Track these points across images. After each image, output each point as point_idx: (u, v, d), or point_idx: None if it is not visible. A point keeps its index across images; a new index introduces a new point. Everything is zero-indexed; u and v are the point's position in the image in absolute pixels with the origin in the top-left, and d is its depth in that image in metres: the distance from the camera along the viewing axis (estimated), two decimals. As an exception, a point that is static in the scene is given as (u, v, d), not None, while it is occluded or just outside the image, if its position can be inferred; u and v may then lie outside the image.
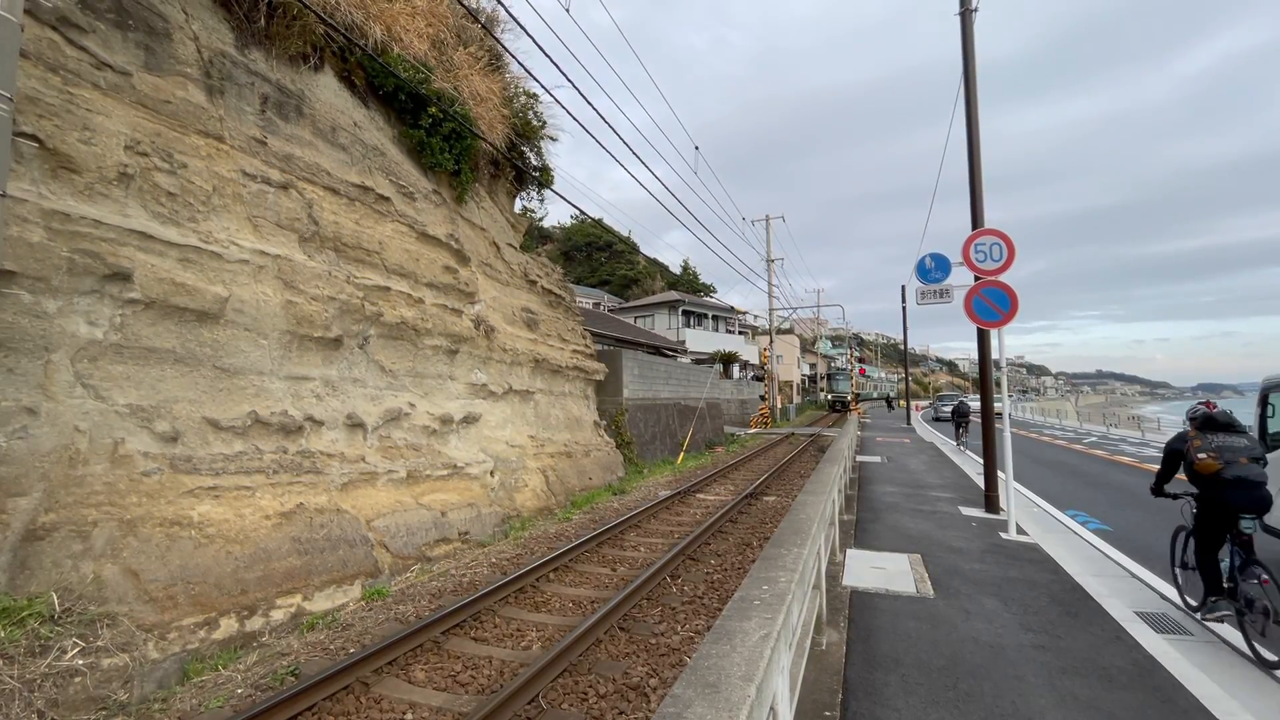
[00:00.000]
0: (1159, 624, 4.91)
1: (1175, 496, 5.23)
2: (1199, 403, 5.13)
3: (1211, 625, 4.84)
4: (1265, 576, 4.18)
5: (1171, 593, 5.60)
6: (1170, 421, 29.89)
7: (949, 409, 26.21)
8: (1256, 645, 4.31)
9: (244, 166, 6.29)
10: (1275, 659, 4.14)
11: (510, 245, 12.23)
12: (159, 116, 5.54)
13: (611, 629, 5.31)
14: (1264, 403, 7.31)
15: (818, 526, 3.97)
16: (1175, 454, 5.02)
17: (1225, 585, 4.62)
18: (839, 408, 49.64)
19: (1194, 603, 5.18)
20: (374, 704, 4.21)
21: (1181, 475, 5.03)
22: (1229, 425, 4.77)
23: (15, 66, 3.94)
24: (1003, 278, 8.27)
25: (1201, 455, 4.63)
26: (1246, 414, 7.15)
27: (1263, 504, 4.41)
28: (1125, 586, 5.92)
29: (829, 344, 66.61)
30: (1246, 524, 4.44)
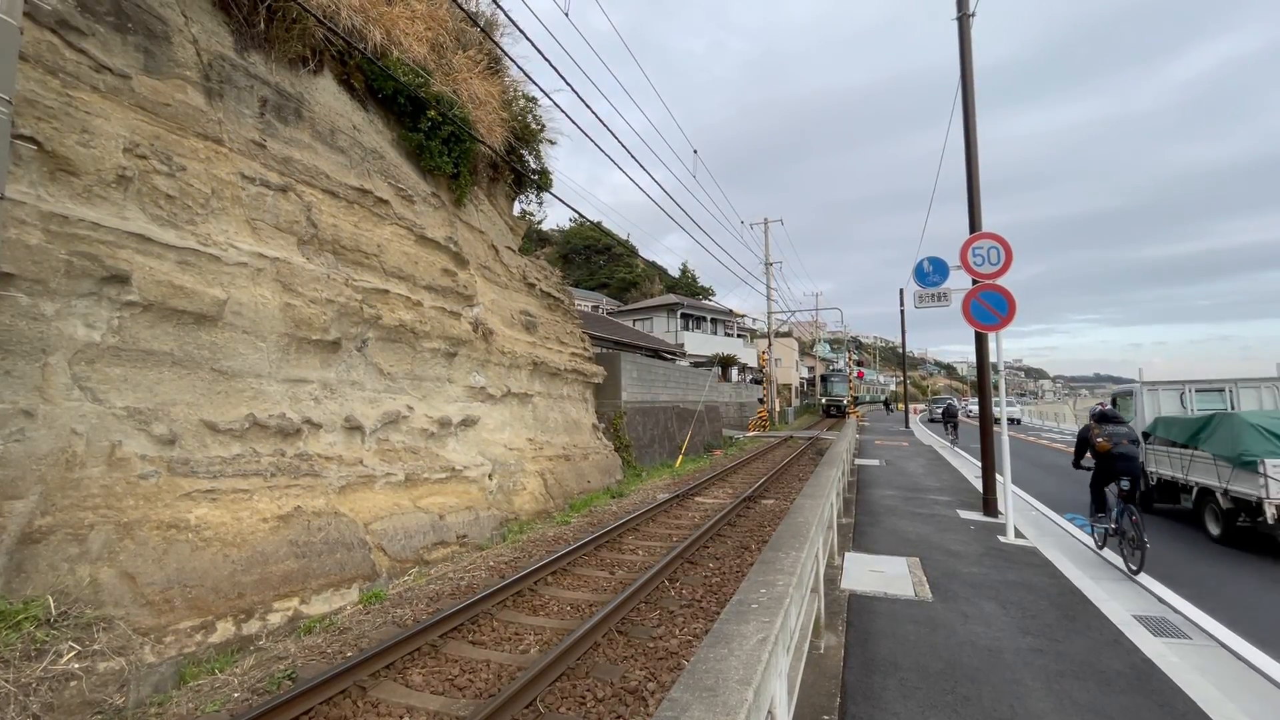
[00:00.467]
0: (1157, 628, 4.91)
1: (1088, 469, 7.35)
2: (1098, 403, 7.70)
3: (1207, 628, 4.90)
4: (1135, 516, 6.33)
5: (1169, 596, 5.68)
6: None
7: (940, 410, 30.52)
8: (1128, 560, 6.51)
9: (243, 169, 6.29)
10: (1136, 568, 6.30)
11: (509, 248, 12.24)
12: (158, 119, 5.55)
13: (609, 633, 5.29)
14: (1114, 404, 10.58)
15: (815, 530, 3.96)
16: (1084, 440, 7.31)
17: (1113, 525, 6.81)
18: (834, 412, 46.21)
19: (1099, 544, 7.35)
20: (371, 708, 4.20)
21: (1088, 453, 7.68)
22: (1116, 419, 7.17)
23: (14, 69, 3.94)
24: (1000, 281, 8.29)
25: (1100, 439, 6.95)
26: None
27: (1135, 471, 6.83)
28: (1123, 590, 5.93)
29: (827, 347, 66.30)
30: (1124, 483, 6.69)
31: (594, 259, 56.63)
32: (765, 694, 1.85)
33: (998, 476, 8.91)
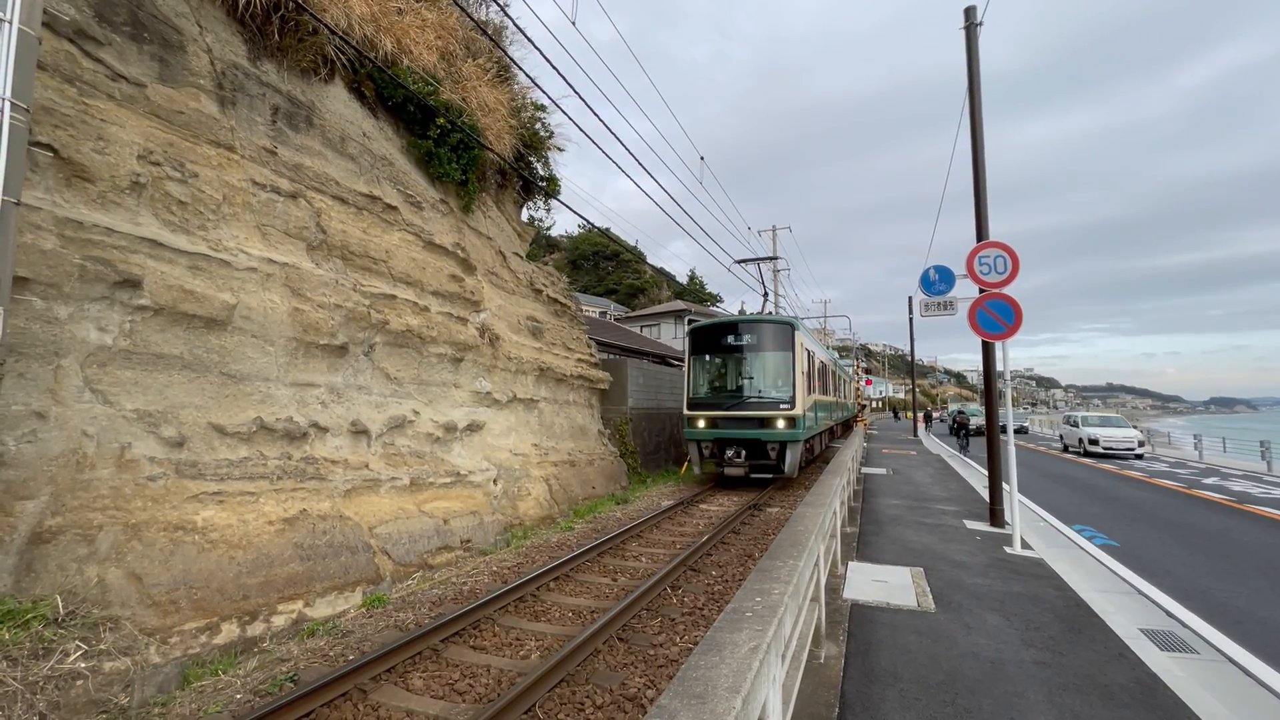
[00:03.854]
0: (1164, 642, 4.85)
1: (955, 432, 24.81)
2: (957, 409, 34.43)
3: (1215, 643, 4.87)
4: (967, 441, 22.84)
5: (1179, 611, 5.65)
6: (1181, 439, 29.53)
7: (922, 414, 44.21)
8: (962, 451, 22.31)
9: (254, 176, 6.39)
10: (964, 451, 22.32)
11: (516, 254, 12.32)
12: (172, 127, 5.65)
13: (610, 639, 5.30)
14: (960, 410, 29.01)
15: (815, 538, 3.96)
16: (955, 419, 25.12)
17: (960, 443, 23.01)
18: (738, 461, 12.84)
19: (958, 452, 22.52)
20: (371, 711, 4.22)
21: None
22: (962, 411, 25.93)
23: (32, 77, 4.04)
24: (1007, 290, 8.25)
25: (951, 416, 32.11)
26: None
27: (968, 426, 23.05)
28: (1131, 603, 5.86)
29: (835, 355, 65.32)
30: (961, 431, 23.22)
31: (602, 265, 56.81)
32: (755, 702, 1.85)
33: (1004, 486, 8.84)
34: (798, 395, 12.48)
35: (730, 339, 13.44)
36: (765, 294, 19.27)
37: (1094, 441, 21.95)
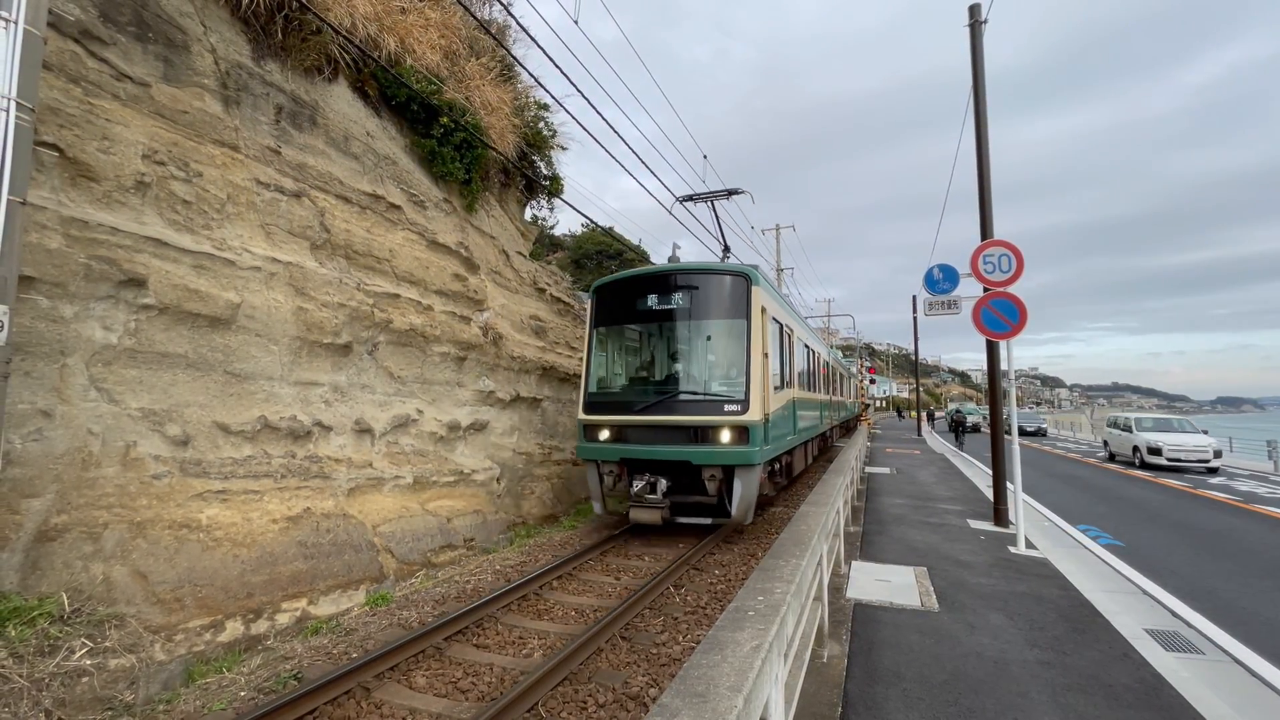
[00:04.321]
0: (1169, 642, 4.83)
1: (953, 428, 30.10)
2: (955, 407, 38.90)
3: (1221, 643, 4.86)
4: (963, 435, 28.53)
5: (1184, 611, 5.62)
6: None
7: (925, 413, 46.12)
8: (961, 450, 23.32)
9: (258, 175, 6.40)
10: (959, 446, 25.22)
11: (520, 253, 12.32)
12: (176, 126, 5.67)
13: (613, 638, 5.30)
14: (959, 407, 36.72)
15: (818, 538, 3.95)
16: (953, 416, 30.91)
17: (957, 439, 27.71)
18: (650, 496, 8.19)
19: (955, 447, 25.28)
20: (374, 709, 4.23)
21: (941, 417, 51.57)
22: (959, 410, 31.84)
23: (37, 77, 4.06)
24: (1012, 289, 8.22)
25: (949, 414, 34.40)
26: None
27: (964, 422, 29.11)
28: (1136, 603, 5.83)
29: (838, 354, 65.03)
30: (960, 427, 28.87)
31: (605, 264, 56.73)
32: (757, 701, 1.85)
33: (1008, 485, 8.82)
34: (754, 390, 8.00)
35: (652, 301, 8.85)
36: (725, 247, 11.60)
37: (1155, 450, 17.32)
